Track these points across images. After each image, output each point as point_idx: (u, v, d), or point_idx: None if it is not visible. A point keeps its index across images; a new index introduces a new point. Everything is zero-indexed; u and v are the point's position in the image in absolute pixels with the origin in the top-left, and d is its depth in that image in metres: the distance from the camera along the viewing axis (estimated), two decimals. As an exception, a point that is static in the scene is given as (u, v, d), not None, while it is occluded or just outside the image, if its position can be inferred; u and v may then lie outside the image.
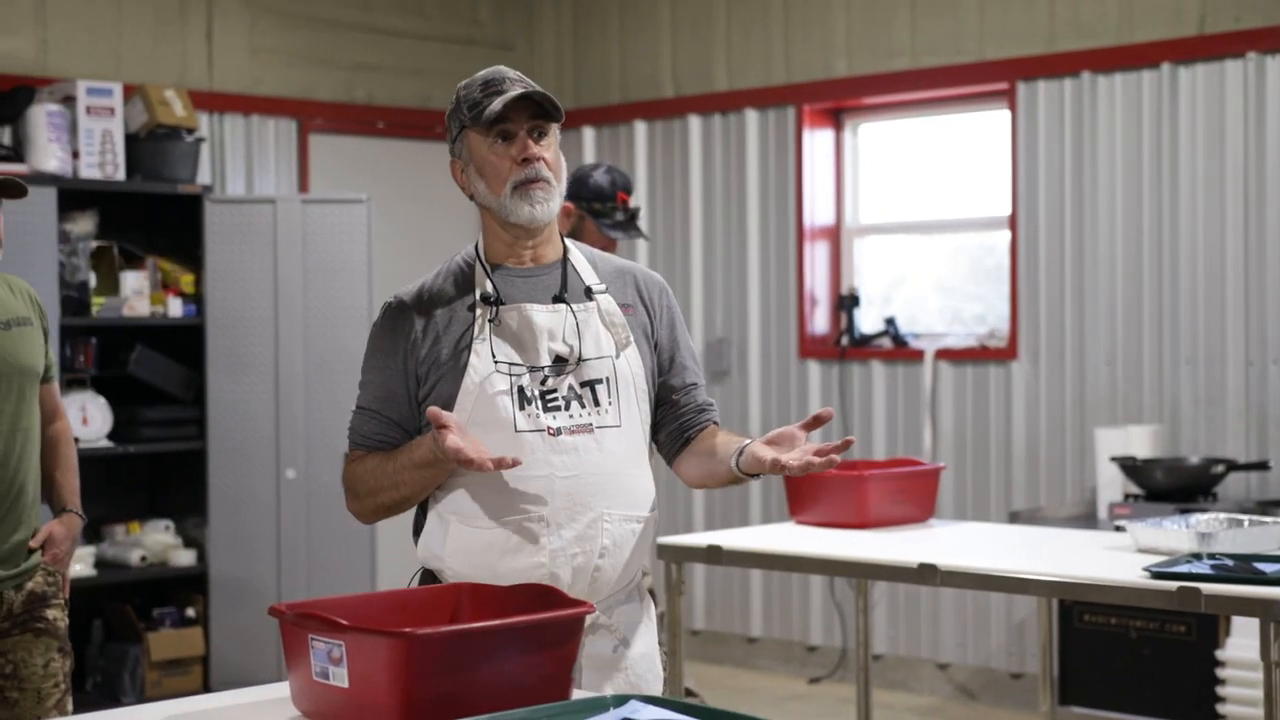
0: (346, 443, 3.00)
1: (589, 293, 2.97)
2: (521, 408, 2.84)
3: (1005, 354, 6.63)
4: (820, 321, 7.32)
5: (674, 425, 3.06)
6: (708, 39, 7.56)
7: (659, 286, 3.09)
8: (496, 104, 2.86)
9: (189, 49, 7.12)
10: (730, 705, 5.30)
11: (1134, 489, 5.81)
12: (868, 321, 7.24)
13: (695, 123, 7.57)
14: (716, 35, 7.52)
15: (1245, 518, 4.08)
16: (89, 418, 6.31)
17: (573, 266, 3.00)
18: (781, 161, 7.30)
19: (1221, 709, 5.42)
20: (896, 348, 7.02)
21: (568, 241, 3.02)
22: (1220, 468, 5.70)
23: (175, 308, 6.53)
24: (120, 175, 6.41)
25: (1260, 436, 5.96)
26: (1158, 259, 6.19)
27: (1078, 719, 5.80)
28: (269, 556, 6.57)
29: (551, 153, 2.92)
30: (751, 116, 7.38)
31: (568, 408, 2.87)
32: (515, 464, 2.73)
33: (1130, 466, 5.77)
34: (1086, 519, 5.91)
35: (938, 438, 6.79)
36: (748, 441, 2.90)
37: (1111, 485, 5.91)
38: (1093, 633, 5.78)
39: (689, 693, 4.77)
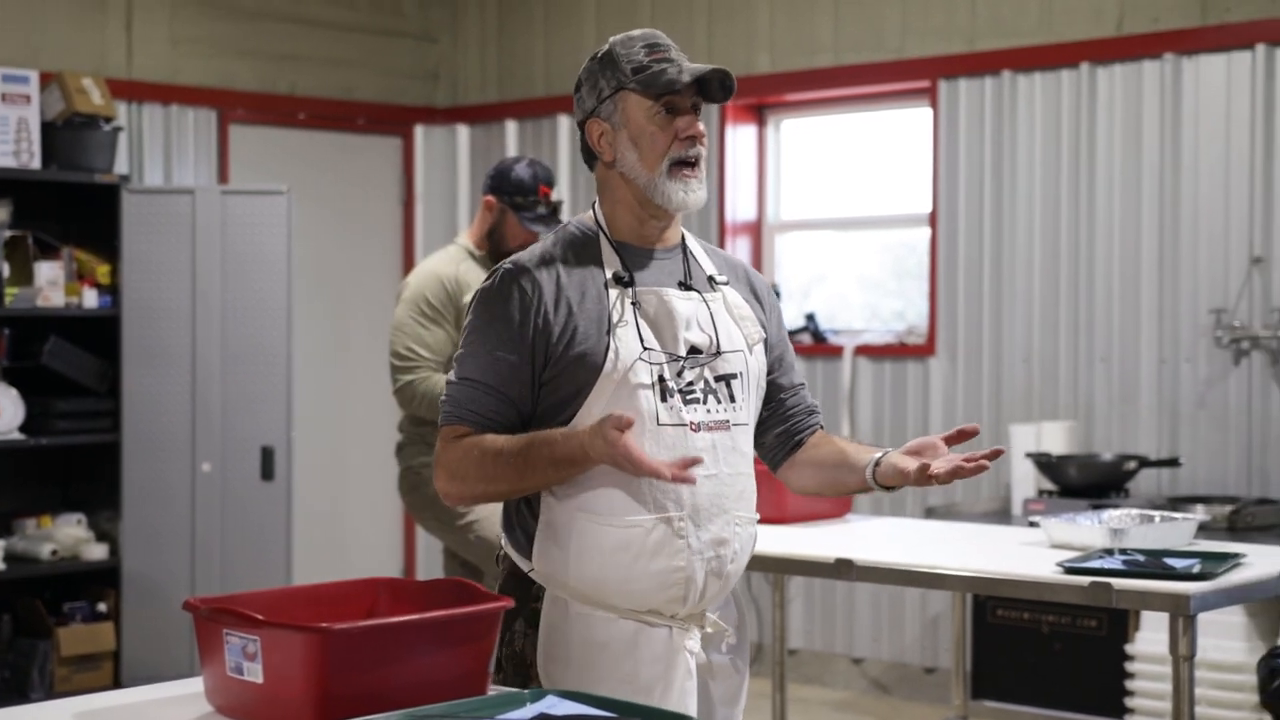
0: (442, 414, 2.71)
1: (712, 282, 2.81)
2: (664, 399, 2.65)
3: (924, 350, 6.68)
4: (741, 317, 7.33)
5: (783, 427, 2.91)
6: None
7: (766, 284, 2.95)
8: (674, 73, 2.68)
9: (108, 37, 7.04)
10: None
11: (1048, 485, 5.88)
12: (788, 317, 7.28)
13: (618, 117, 7.56)
14: (641, 28, 7.51)
15: (1156, 514, 4.14)
16: (1, 409, 6.23)
17: (692, 254, 2.84)
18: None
19: (1130, 702, 5.49)
20: (816, 343, 7.06)
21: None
22: (1133, 464, 5.77)
23: (91, 299, 6.46)
24: (36, 164, 6.33)
25: (1172, 434, 6.04)
26: (1074, 258, 6.26)
27: (990, 713, 5.86)
28: (183, 551, 6.52)
29: (704, 134, 2.75)
30: (674, 112, 7.37)
31: (704, 401, 2.70)
32: (690, 478, 2.54)
33: (1045, 463, 5.83)
34: (1001, 515, 5.97)
35: (856, 433, 6.83)
36: (883, 451, 2.78)
37: (1026, 481, 5.97)
38: (1006, 627, 5.83)
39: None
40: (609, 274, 2.70)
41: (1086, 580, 3.51)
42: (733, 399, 2.73)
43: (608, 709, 2.24)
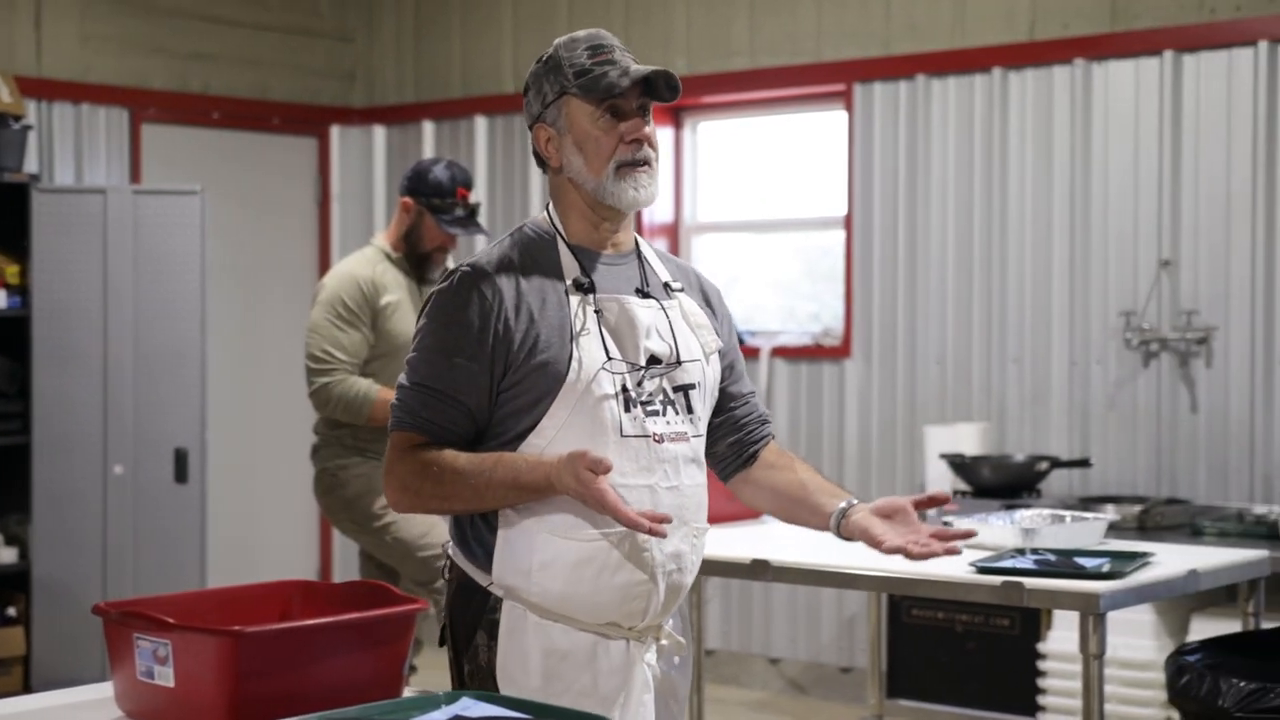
0: (393, 419, 2.63)
1: (668, 289, 2.76)
2: (627, 409, 2.60)
3: (839, 352, 6.72)
4: (658, 319, 7.34)
5: (735, 437, 2.86)
6: (548, 34, 7.52)
7: (717, 290, 2.90)
8: (615, 76, 2.62)
9: (16, 34, 6.94)
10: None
11: (962, 485, 5.93)
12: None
13: (535, 119, 7.55)
14: (558, 30, 7.51)
15: (1067, 514, 4.18)
16: (-92, 411, 6.14)
17: (646, 259, 2.78)
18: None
19: (1042, 700, 5.55)
20: (733, 345, 7.07)
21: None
22: (1044, 465, 5.84)
23: (0, 299, 6.37)
24: (-57, 162, 6.24)
25: (1083, 434, 6.11)
26: (987, 260, 6.33)
27: (905, 712, 5.90)
28: (94, 554, 6.44)
29: (652, 130, 2.70)
30: (591, 113, 7.37)
31: (664, 413, 2.65)
32: (662, 533, 2.50)
33: (958, 463, 5.88)
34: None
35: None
36: (849, 502, 2.73)
37: (940, 482, 6.02)
38: (921, 627, 5.88)
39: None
40: (569, 280, 2.65)
41: (999, 580, 3.55)
42: (690, 410, 2.69)
43: (522, 710, 2.23)
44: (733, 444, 2.86)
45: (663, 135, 7.32)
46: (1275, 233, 5.73)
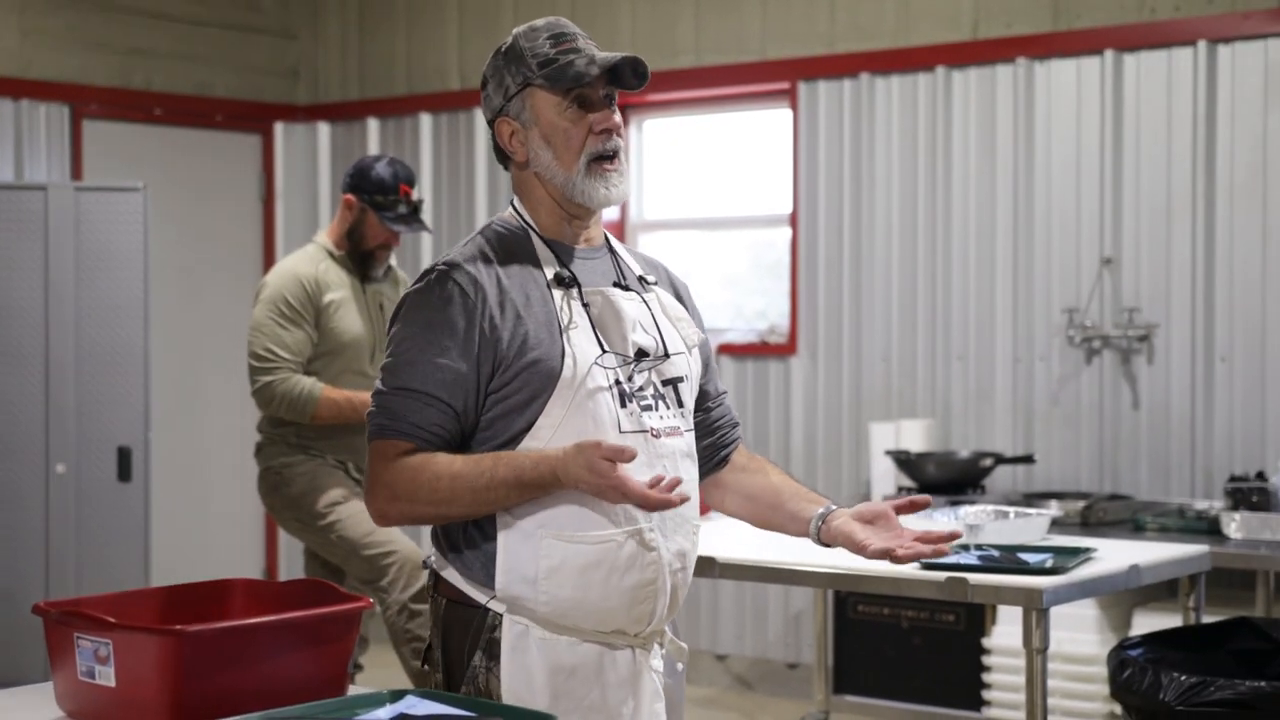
0: (374, 426, 2.51)
1: (643, 282, 2.69)
2: (623, 405, 2.52)
3: (785, 349, 6.73)
4: (604, 316, 7.34)
5: (710, 439, 2.79)
6: (494, 32, 7.53)
7: (685, 284, 2.83)
8: (582, 65, 2.54)
9: (-45, 29, 6.88)
10: (511, 699, 5.28)
11: (907, 482, 5.96)
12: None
13: (481, 116, 7.54)
14: (503, 28, 7.51)
15: (1011, 510, 4.21)
16: None
17: (617, 253, 2.71)
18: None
19: (987, 695, 5.58)
20: (679, 343, 7.08)
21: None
22: (988, 461, 5.87)
23: (-61, 297, 6.31)
24: (-120, 158, 6.17)
25: (1026, 431, 6.15)
26: (931, 258, 6.36)
27: (852, 707, 5.93)
28: (36, 554, 6.37)
29: (620, 122, 2.61)
30: (537, 111, 7.36)
31: (656, 407, 2.57)
32: (685, 495, 2.43)
33: (903, 460, 5.91)
34: (862, 512, 6.03)
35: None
36: (828, 507, 2.68)
37: (885, 478, 6.04)
38: (866, 623, 5.90)
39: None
40: (549, 274, 2.56)
41: (943, 576, 3.57)
42: (680, 404, 2.62)
43: (467, 709, 2.23)
44: (707, 446, 2.78)
45: (608, 133, 7.31)
46: (1215, 231, 5.78)
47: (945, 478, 5.82)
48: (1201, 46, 5.77)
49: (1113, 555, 3.81)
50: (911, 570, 3.62)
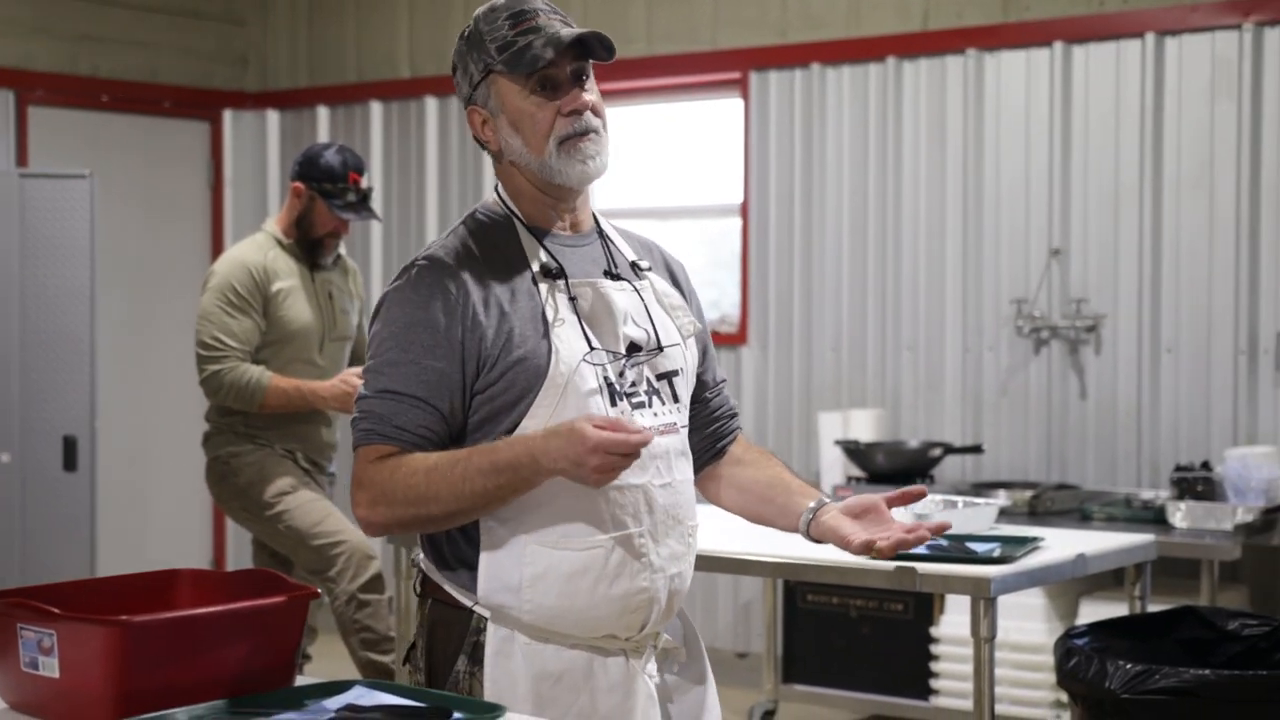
0: (359, 433, 2.43)
1: (636, 269, 2.57)
2: (614, 403, 2.42)
3: (736, 339, 6.74)
4: (555, 306, 7.33)
5: (708, 430, 2.69)
6: (445, 20, 7.51)
7: (682, 266, 2.71)
8: (541, 47, 2.41)
9: (-102, 13, 6.80)
10: (460, 689, 5.27)
11: (856, 471, 5.97)
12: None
13: (432, 104, 7.51)
14: (454, 16, 7.48)
15: (959, 499, 4.22)
16: None
17: (609, 238, 2.60)
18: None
19: (935, 683, 5.61)
20: (630, 332, 7.07)
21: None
22: (937, 451, 5.90)
23: (-119, 284, 6.24)
24: None
25: (975, 421, 6.18)
26: (881, 248, 6.37)
27: (801, 696, 5.94)
28: (-18, 543, 6.33)
29: (596, 95, 2.49)
30: (487, 99, 7.34)
31: (650, 404, 2.47)
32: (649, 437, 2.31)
33: (852, 450, 5.92)
34: (811, 501, 6.04)
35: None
36: (819, 502, 2.58)
37: (834, 468, 6.06)
38: (815, 612, 5.92)
39: (418, 677, 4.74)
40: (535, 266, 2.45)
41: (892, 565, 3.57)
42: (676, 399, 2.51)
43: (418, 698, 2.22)
44: (705, 437, 2.69)
45: (559, 122, 7.29)
46: (1162, 222, 5.82)
47: (894, 467, 5.84)
48: (1150, 39, 5.80)
49: (1060, 544, 3.83)
50: (860, 560, 3.62)
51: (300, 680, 2.39)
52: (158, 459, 7.73)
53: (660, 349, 2.50)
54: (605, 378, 2.42)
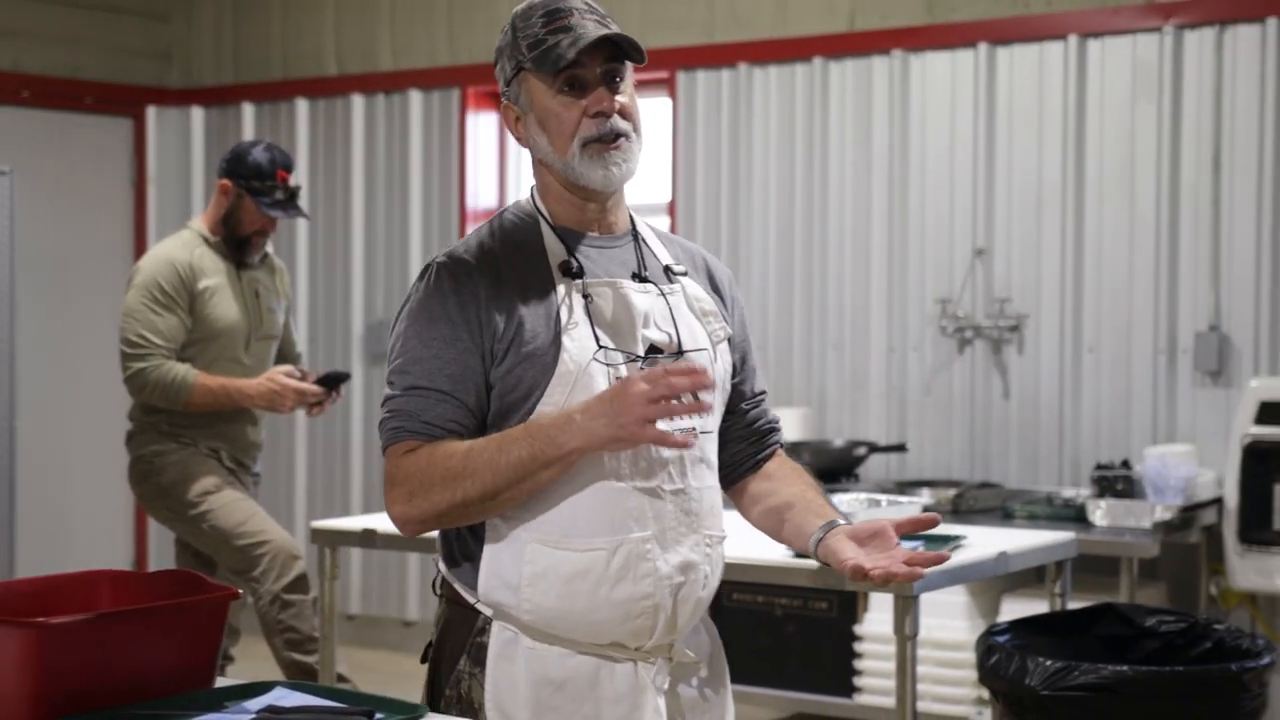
0: (388, 432, 2.41)
1: (669, 273, 2.55)
2: None
3: (662, 339, 6.74)
4: (482, 304, 7.32)
5: (743, 444, 2.65)
6: (372, 18, 7.48)
7: (728, 275, 2.68)
8: (566, 47, 2.40)
9: None
10: (385, 690, 5.26)
11: (783, 470, 5.99)
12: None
13: (359, 102, 7.48)
14: (381, 15, 7.45)
15: (884, 498, 4.25)
16: None
17: (644, 240, 2.57)
18: (445, 143, 7.29)
19: (859, 681, 5.64)
20: (557, 331, 7.07)
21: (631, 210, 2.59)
22: (862, 450, 5.93)
23: None
24: None
25: (900, 420, 6.23)
26: (808, 248, 6.41)
27: (727, 694, 5.95)
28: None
29: (628, 97, 2.47)
30: (415, 97, 7.33)
31: None
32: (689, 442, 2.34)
33: (779, 449, 5.94)
34: (737, 500, 6.06)
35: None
36: (831, 523, 2.50)
37: (761, 467, 6.07)
38: (740, 610, 5.94)
39: (341, 678, 4.72)
40: (554, 265, 2.44)
41: (815, 564, 3.59)
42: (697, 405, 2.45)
43: (337, 699, 2.22)
44: (740, 450, 2.65)
45: (486, 121, 7.29)
46: (1084, 223, 5.88)
47: (820, 466, 5.87)
48: (1072, 41, 5.87)
49: (982, 542, 3.86)
50: (784, 558, 3.64)
51: (222, 681, 2.38)
52: (79, 459, 7.66)
53: (680, 353, 2.46)
54: (617, 378, 2.38)
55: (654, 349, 2.44)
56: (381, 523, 4.41)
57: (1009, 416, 6.01)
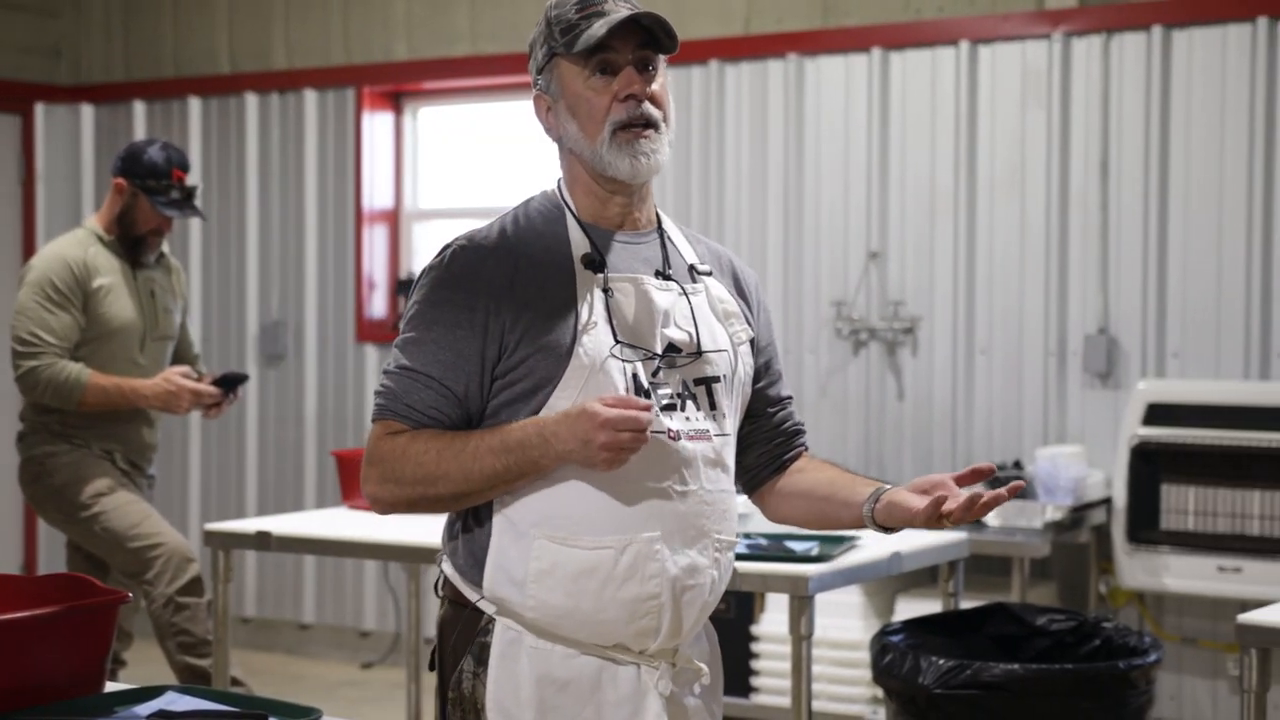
0: (376, 406, 2.40)
1: (694, 272, 2.51)
2: None
3: (560, 340, 6.75)
4: (379, 305, 7.29)
5: (767, 447, 2.60)
6: (266, 16, 7.41)
7: (755, 279, 2.64)
8: (598, 28, 2.36)
9: None
10: (280, 693, 5.23)
11: (679, 472, 6.01)
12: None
13: (252, 101, 7.41)
14: (275, 12, 7.39)
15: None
16: None
17: (670, 239, 2.54)
18: (341, 143, 7.24)
19: (756, 681, 5.67)
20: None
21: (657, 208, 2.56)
22: (759, 451, 5.96)
23: None
24: None
25: (796, 421, 6.26)
26: (704, 250, 6.42)
27: (624, 695, 5.96)
28: None
29: (660, 86, 2.42)
30: (310, 97, 7.28)
31: (682, 408, 2.38)
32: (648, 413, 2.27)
33: (676, 450, 5.96)
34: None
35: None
36: (882, 487, 2.45)
37: (658, 468, 6.08)
38: (639, 611, 5.95)
39: (235, 682, 4.68)
40: (577, 257, 2.41)
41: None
42: (714, 406, 2.43)
43: (229, 703, 2.20)
44: (764, 454, 2.61)
45: (382, 121, 7.26)
46: (976, 226, 5.96)
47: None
48: (964, 46, 5.94)
49: (876, 543, 3.90)
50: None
51: (113, 686, 2.36)
52: (-34, 461, 7.52)
53: (700, 353, 2.43)
54: (633, 375, 2.36)
55: (673, 348, 2.41)
56: (276, 525, 4.38)
57: (903, 417, 6.08)
